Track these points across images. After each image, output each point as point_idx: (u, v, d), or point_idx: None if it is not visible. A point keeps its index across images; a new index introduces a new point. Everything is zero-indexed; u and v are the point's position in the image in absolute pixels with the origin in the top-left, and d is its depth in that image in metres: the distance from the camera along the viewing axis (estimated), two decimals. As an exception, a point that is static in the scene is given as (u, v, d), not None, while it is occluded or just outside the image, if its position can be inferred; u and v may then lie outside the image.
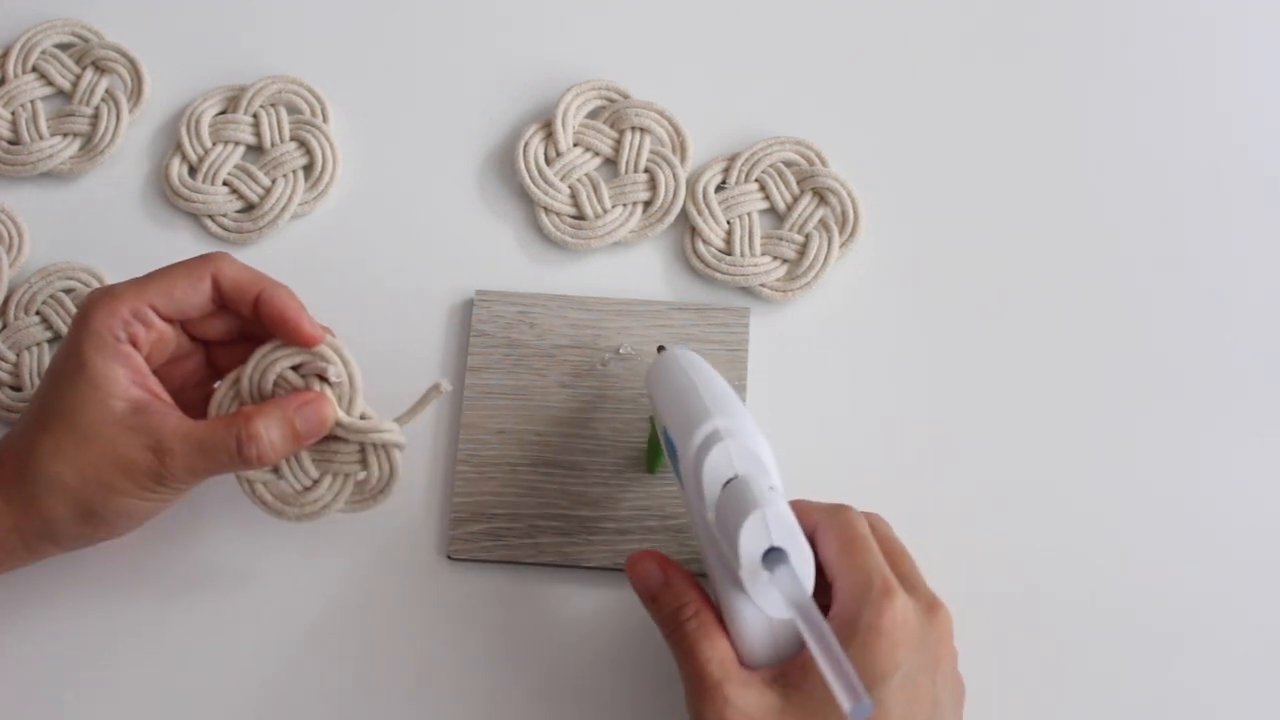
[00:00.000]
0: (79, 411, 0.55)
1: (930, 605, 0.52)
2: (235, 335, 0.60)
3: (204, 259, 0.58)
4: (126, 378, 0.55)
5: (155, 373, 0.57)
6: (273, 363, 0.57)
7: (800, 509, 0.52)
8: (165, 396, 0.57)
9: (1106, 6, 0.74)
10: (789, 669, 0.51)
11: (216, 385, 0.59)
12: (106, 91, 0.72)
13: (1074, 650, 0.62)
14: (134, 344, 0.56)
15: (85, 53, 0.72)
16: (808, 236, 0.68)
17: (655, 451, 0.63)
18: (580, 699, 0.61)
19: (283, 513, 0.59)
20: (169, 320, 0.57)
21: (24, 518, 0.55)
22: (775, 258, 0.68)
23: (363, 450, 0.58)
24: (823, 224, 0.68)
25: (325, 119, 0.71)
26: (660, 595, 0.54)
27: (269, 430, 0.56)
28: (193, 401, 0.59)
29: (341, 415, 0.57)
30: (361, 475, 0.58)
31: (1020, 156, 0.71)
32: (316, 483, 0.58)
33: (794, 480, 0.56)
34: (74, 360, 0.55)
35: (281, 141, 0.71)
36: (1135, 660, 0.62)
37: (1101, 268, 0.68)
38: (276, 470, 0.58)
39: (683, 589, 0.54)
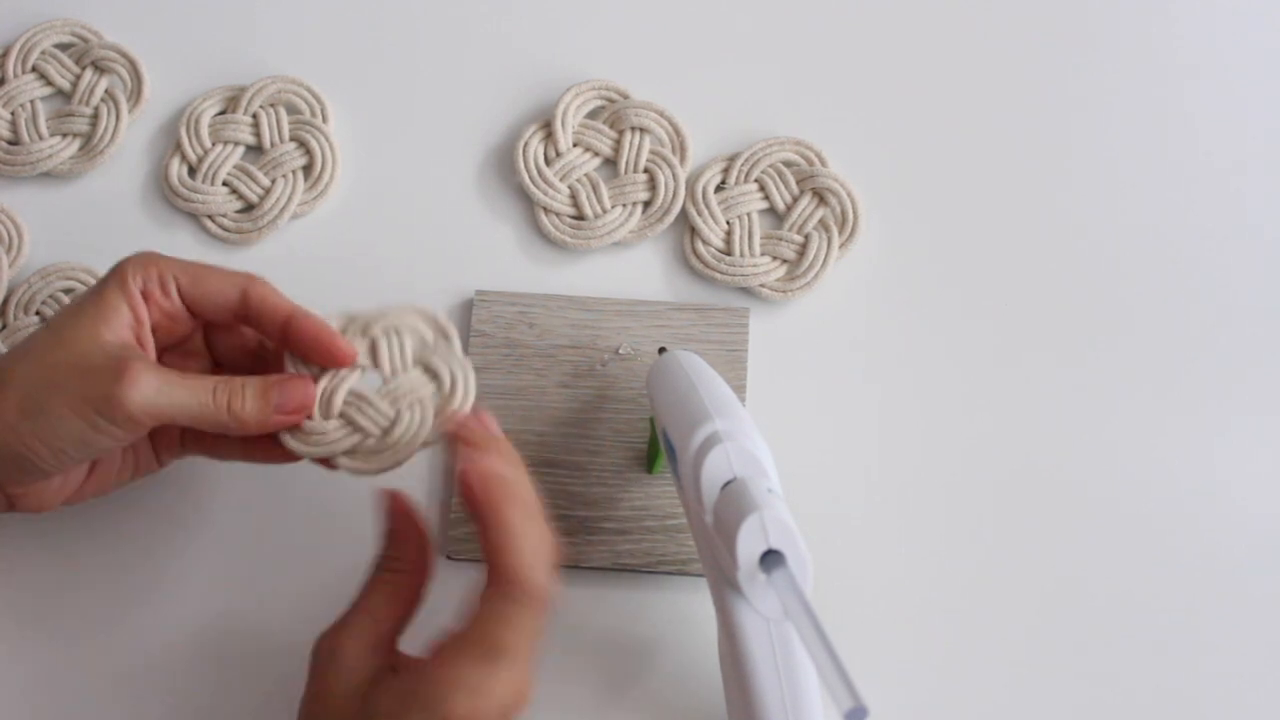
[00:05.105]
0: (67, 324, 0.54)
1: None
2: (231, 318, 0.58)
3: (244, 273, 0.57)
4: (128, 321, 0.55)
5: (161, 358, 0.57)
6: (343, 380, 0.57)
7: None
8: (152, 352, 0.56)
9: (1106, 8, 0.74)
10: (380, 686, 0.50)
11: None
12: (106, 91, 0.72)
13: (1071, 648, 0.62)
14: (146, 300, 0.56)
15: (85, 53, 0.72)
16: (807, 237, 0.68)
17: (655, 452, 0.63)
18: (579, 698, 0.61)
19: (381, 467, 0.56)
20: (190, 308, 0.57)
21: None
22: (775, 258, 0.68)
23: (425, 367, 0.57)
24: (822, 224, 0.68)
25: (325, 119, 0.71)
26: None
27: (250, 382, 0.55)
28: None
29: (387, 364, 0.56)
30: (432, 389, 0.56)
31: (1019, 156, 0.71)
32: (395, 420, 0.56)
33: (793, 482, 0.56)
34: (90, 292, 0.56)
35: (281, 141, 0.71)
36: (1130, 658, 0.62)
37: (1100, 269, 0.68)
38: (354, 426, 0.56)
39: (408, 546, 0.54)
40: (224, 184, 0.70)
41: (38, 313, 0.67)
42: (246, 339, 0.59)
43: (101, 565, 0.64)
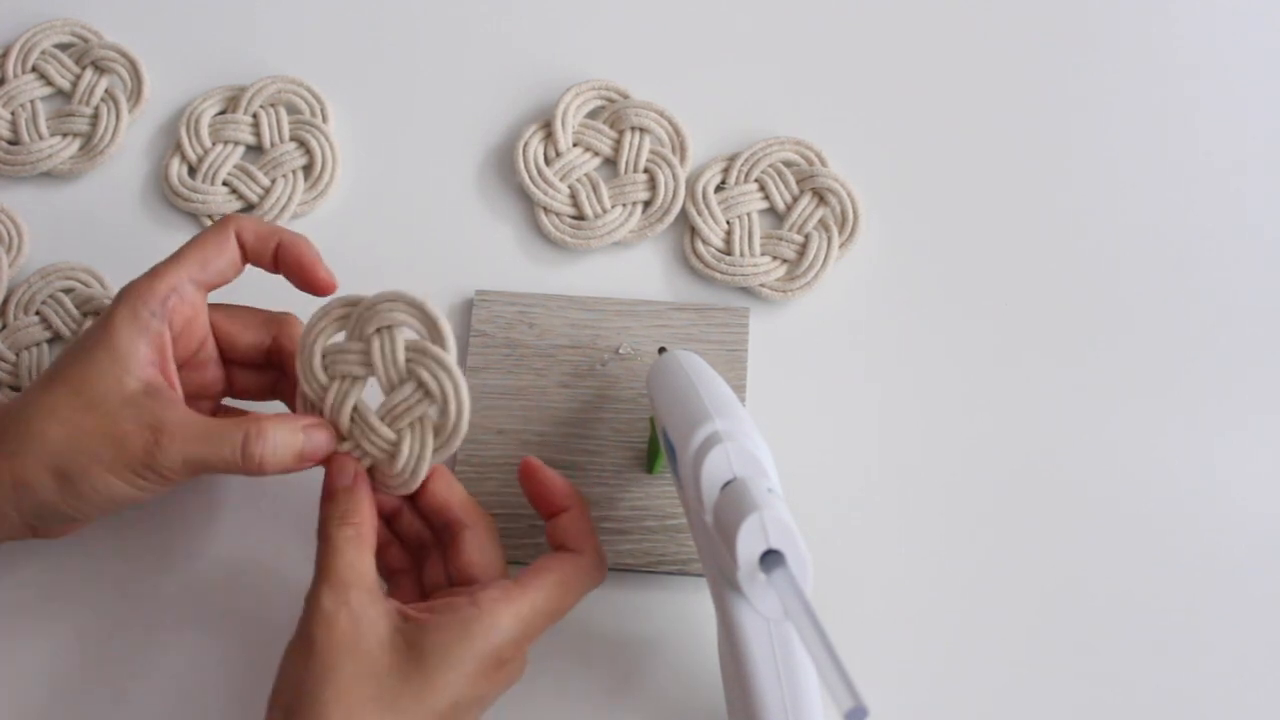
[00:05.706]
0: (89, 381, 0.54)
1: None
2: (261, 359, 0.60)
3: (224, 220, 0.58)
4: (147, 357, 0.55)
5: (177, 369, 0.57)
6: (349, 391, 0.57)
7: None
8: (178, 387, 0.56)
9: (1106, 8, 0.74)
10: (414, 625, 0.53)
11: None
12: (106, 91, 0.72)
13: (1071, 648, 0.62)
14: (170, 321, 0.56)
15: (85, 53, 0.72)
16: (807, 236, 0.68)
17: (655, 452, 0.63)
18: (579, 698, 0.61)
19: (390, 490, 0.57)
20: (208, 288, 0.58)
21: None
22: (775, 258, 0.68)
23: (419, 383, 0.56)
24: (822, 224, 0.68)
25: (325, 119, 0.71)
26: (339, 495, 0.55)
27: (278, 432, 0.55)
28: (200, 412, 0.58)
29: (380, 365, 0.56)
30: (431, 409, 0.56)
31: (1019, 156, 0.71)
32: (397, 445, 0.56)
33: (793, 482, 0.56)
34: (102, 330, 0.55)
35: (281, 141, 0.71)
36: (1130, 658, 0.62)
37: (1100, 269, 0.68)
38: (362, 450, 0.57)
39: (360, 502, 0.55)
40: (224, 184, 0.70)
41: (38, 313, 0.67)
42: (259, 340, 0.60)
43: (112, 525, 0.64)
